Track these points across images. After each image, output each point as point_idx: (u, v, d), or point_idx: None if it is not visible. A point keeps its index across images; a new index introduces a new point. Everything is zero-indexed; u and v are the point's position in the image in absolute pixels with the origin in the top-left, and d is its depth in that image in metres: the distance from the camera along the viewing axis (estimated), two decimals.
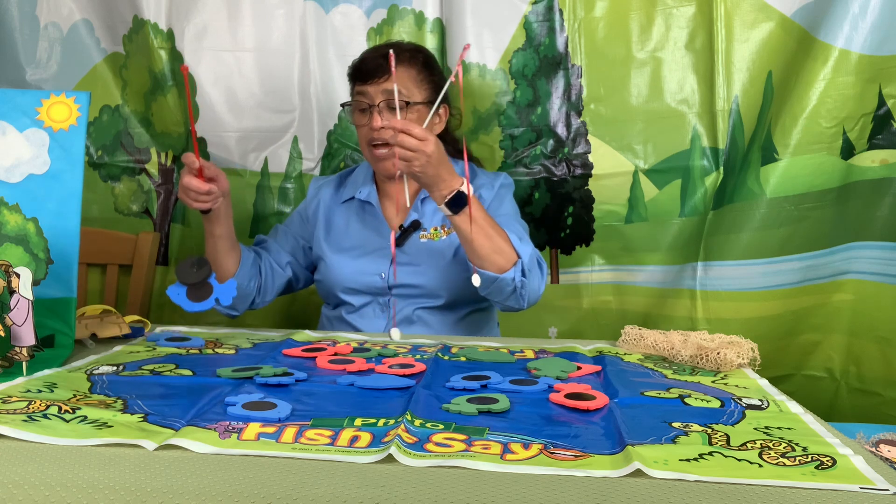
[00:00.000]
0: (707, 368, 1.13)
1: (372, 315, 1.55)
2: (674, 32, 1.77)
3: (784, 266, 1.67)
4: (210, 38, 1.90)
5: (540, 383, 1.01)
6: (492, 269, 1.36)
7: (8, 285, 0.98)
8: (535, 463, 0.72)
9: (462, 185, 1.32)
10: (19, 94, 1.23)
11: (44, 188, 1.18)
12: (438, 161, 1.30)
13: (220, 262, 1.48)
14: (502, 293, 1.39)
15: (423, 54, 1.58)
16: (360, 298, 1.55)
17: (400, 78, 1.50)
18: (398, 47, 1.55)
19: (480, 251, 1.35)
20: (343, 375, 1.05)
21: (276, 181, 1.95)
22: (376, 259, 1.54)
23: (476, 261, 1.36)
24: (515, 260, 1.37)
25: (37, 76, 1.97)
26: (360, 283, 1.54)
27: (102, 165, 2.00)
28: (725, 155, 1.74)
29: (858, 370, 1.68)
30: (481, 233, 1.34)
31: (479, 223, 1.34)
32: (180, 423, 0.81)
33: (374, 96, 1.49)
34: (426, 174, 1.30)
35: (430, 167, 1.29)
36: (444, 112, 1.59)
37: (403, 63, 1.52)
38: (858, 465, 0.72)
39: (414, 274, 1.51)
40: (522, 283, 1.38)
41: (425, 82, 1.54)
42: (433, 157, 1.29)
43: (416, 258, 1.52)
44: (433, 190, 1.34)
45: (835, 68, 1.59)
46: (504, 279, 1.36)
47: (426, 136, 1.29)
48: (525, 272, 1.37)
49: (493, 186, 1.58)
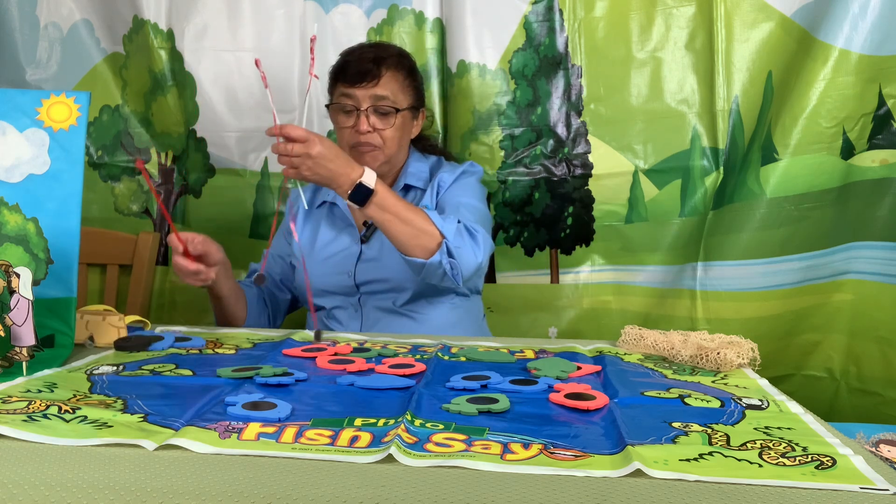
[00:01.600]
0: (707, 368, 1.13)
1: (344, 316, 1.55)
2: (674, 32, 1.77)
3: (784, 266, 1.67)
4: (210, 38, 1.90)
5: (540, 383, 1.01)
6: (419, 254, 1.33)
7: (8, 285, 0.98)
8: (535, 463, 0.72)
9: (362, 175, 1.30)
10: (19, 94, 1.23)
11: (44, 188, 1.18)
12: (329, 158, 1.28)
13: (230, 316, 1.49)
14: (435, 276, 1.37)
15: (408, 59, 1.60)
16: (331, 300, 1.56)
17: (388, 83, 1.50)
18: (385, 50, 1.55)
19: (400, 237, 1.33)
20: (343, 375, 1.04)
21: (276, 181, 1.95)
22: (343, 259, 1.54)
23: (400, 249, 1.35)
24: (440, 239, 1.34)
25: (37, 76, 1.97)
26: (329, 284, 1.54)
27: (102, 165, 2.00)
28: (725, 155, 1.74)
29: (858, 370, 1.68)
30: (395, 220, 1.32)
31: (390, 210, 1.32)
32: (180, 423, 0.81)
33: (362, 100, 1.49)
34: (319, 175, 1.29)
35: (321, 167, 1.28)
36: (421, 115, 1.61)
37: (392, 68, 1.52)
38: (858, 465, 0.72)
39: (378, 269, 1.51)
40: (451, 263, 1.35)
41: (409, 88, 1.55)
42: (319, 156, 1.27)
43: (381, 253, 1.51)
44: (334, 187, 1.32)
45: (835, 68, 1.59)
46: (431, 263, 1.33)
47: (307, 137, 1.26)
48: (451, 251, 1.34)
49: (454, 172, 1.58)
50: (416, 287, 1.49)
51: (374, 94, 1.49)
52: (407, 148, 1.61)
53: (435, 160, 1.65)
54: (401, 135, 1.54)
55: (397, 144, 1.53)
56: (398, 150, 1.55)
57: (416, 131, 1.61)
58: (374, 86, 1.49)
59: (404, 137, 1.56)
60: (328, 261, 1.55)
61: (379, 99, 1.49)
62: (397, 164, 1.59)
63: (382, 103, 1.50)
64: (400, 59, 1.56)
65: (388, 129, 1.51)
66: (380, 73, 1.50)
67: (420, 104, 1.61)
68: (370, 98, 1.49)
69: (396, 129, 1.52)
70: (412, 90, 1.56)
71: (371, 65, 1.49)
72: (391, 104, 1.50)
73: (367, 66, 1.49)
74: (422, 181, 1.58)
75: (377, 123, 1.50)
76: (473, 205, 1.52)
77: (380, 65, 1.50)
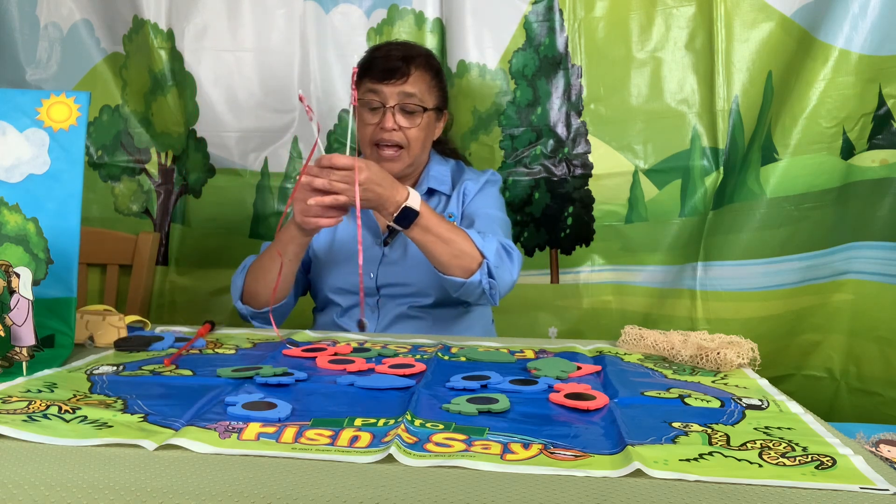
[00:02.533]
0: (707, 368, 1.13)
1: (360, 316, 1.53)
2: (674, 32, 1.77)
3: (784, 266, 1.68)
4: (210, 38, 1.90)
5: (540, 383, 1.01)
6: (458, 273, 1.34)
7: (8, 285, 0.98)
8: (535, 463, 0.72)
9: (408, 198, 1.30)
10: (19, 94, 1.23)
11: (44, 188, 1.17)
12: (377, 182, 1.27)
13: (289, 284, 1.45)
14: (472, 295, 1.38)
15: (436, 60, 1.59)
16: (347, 299, 1.54)
17: (416, 82, 1.49)
18: (413, 49, 1.54)
19: (441, 258, 1.33)
20: (343, 375, 1.04)
21: (276, 181, 1.95)
22: (364, 259, 1.51)
23: (440, 268, 1.35)
24: (481, 260, 1.35)
25: (37, 76, 1.97)
26: (349, 284, 1.52)
27: (102, 165, 2.00)
28: (725, 155, 1.74)
29: (858, 370, 1.68)
30: (437, 241, 1.32)
31: (433, 231, 1.32)
32: (180, 423, 0.81)
33: (389, 97, 1.47)
34: (367, 199, 1.27)
35: (369, 192, 1.26)
36: (444, 118, 1.60)
37: (420, 67, 1.51)
38: (858, 465, 0.72)
39: (402, 273, 1.50)
40: (491, 283, 1.36)
41: (436, 88, 1.54)
42: (367, 181, 1.25)
43: (404, 257, 1.51)
44: (380, 210, 1.31)
45: (835, 68, 1.59)
46: (471, 283, 1.34)
47: (353, 164, 1.24)
48: (492, 272, 1.35)
49: (478, 181, 1.58)
50: (439, 294, 1.49)
51: (402, 91, 1.47)
52: (429, 149, 1.59)
53: (454, 164, 1.64)
54: (425, 135, 1.53)
55: (421, 145, 1.52)
56: (421, 151, 1.54)
57: (438, 133, 1.60)
58: (403, 83, 1.47)
59: (428, 138, 1.55)
60: (349, 260, 1.52)
61: (406, 97, 1.48)
62: (419, 165, 1.58)
63: (410, 101, 1.48)
64: (428, 60, 1.55)
65: (413, 128, 1.49)
66: (409, 71, 1.48)
67: (444, 106, 1.59)
68: (397, 95, 1.47)
69: (421, 129, 1.50)
70: (438, 91, 1.55)
71: (400, 62, 1.48)
72: (418, 103, 1.49)
73: (397, 63, 1.48)
74: (445, 186, 1.58)
75: (403, 122, 1.48)
76: (501, 217, 1.54)
77: (409, 63, 1.49)
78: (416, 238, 1.33)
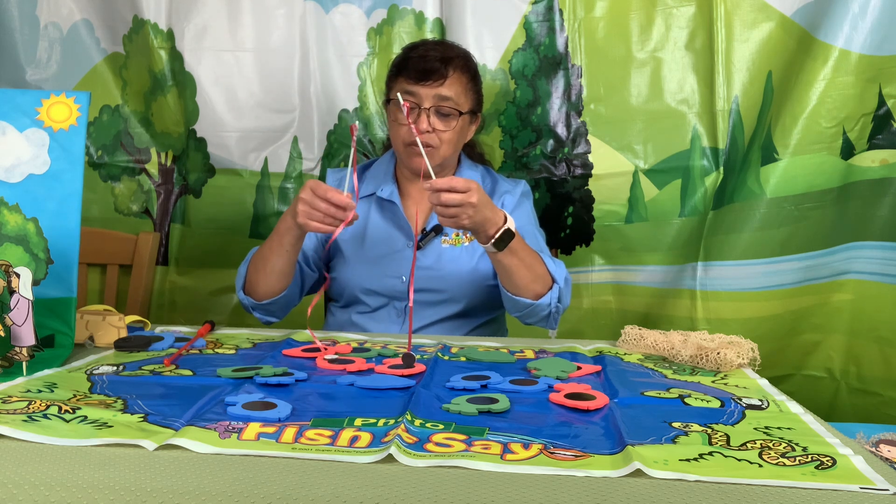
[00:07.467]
0: (707, 368, 1.13)
1: (386, 318, 1.51)
2: (674, 32, 1.77)
3: (784, 266, 1.68)
4: (210, 38, 1.90)
5: (540, 383, 1.01)
6: (528, 296, 1.35)
7: (8, 285, 0.98)
8: (535, 463, 0.72)
9: (507, 222, 1.28)
10: (19, 94, 1.23)
11: (44, 188, 1.17)
12: (485, 204, 1.25)
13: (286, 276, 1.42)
14: (536, 316, 1.39)
15: (473, 62, 1.54)
16: (376, 300, 1.51)
17: (453, 84, 1.45)
18: (451, 50, 1.50)
19: (520, 281, 1.33)
20: (343, 375, 1.04)
21: (276, 181, 1.95)
22: (398, 261, 1.49)
23: (513, 290, 1.35)
24: (551, 284, 1.35)
25: (37, 76, 1.97)
26: (379, 285, 1.49)
27: (102, 165, 2.01)
28: (725, 155, 1.74)
29: (858, 370, 1.68)
30: (521, 264, 1.32)
31: (519, 254, 1.31)
32: (180, 423, 0.81)
33: (425, 98, 1.44)
34: (475, 221, 1.25)
35: (479, 214, 1.24)
36: (476, 121, 1.56)
37: (458, 69, 1.47)
38: (858, 465, 0.72)
39: (435, 279, 1.47)
40: (558, 308, 1.37)
41: (472, 91, 1.51)
42: (479, 204, 1.23)
43: (438, 263, 1.48)
44: (479, 233, 1.29)
45: (835, 68, 1.59)
46: (539, 305, 1.35)
47: (468, 187, 1.22)
48: (561, 297, 1.36)
49: (515, 194, 1.56)
50: (469, 302, 1.49)
51: (439, 93, 1.44)
52: (459, 151, 1.56)
53: (483, 170, 1.61)
54: (458, 138, 1.50)
55: (453, 148, 1.49)
56: (452, 154, 1.52)
57: (470, 136, 1.56)
58: (440, 85, 1.44)
59: (460, 141, 1.52)
60: (380, 261, 1.50)
61: (443, 99, 1.44)
62: (449, 168, 1.55)
63: (445, 104, 1.44)
64: (466, 62, 1.50)
65: (447, 131, 1.46)
66: (446, 73, 1.44)
67: (479, 109, 1.55)
68: (433, 97, 1.44)
69: (455, 133, 1.47)
70: (474, 94, 1.51)
71: (438, 63, 1.44)
72: (454, 106, 1.45)
73: (434, 64, 1.44)
74: None
75: (437, 124, 1.44)
76: (541, 233, 1.55)
77: (447, 65, 1.45)
78: (502, 260, 1.31)
